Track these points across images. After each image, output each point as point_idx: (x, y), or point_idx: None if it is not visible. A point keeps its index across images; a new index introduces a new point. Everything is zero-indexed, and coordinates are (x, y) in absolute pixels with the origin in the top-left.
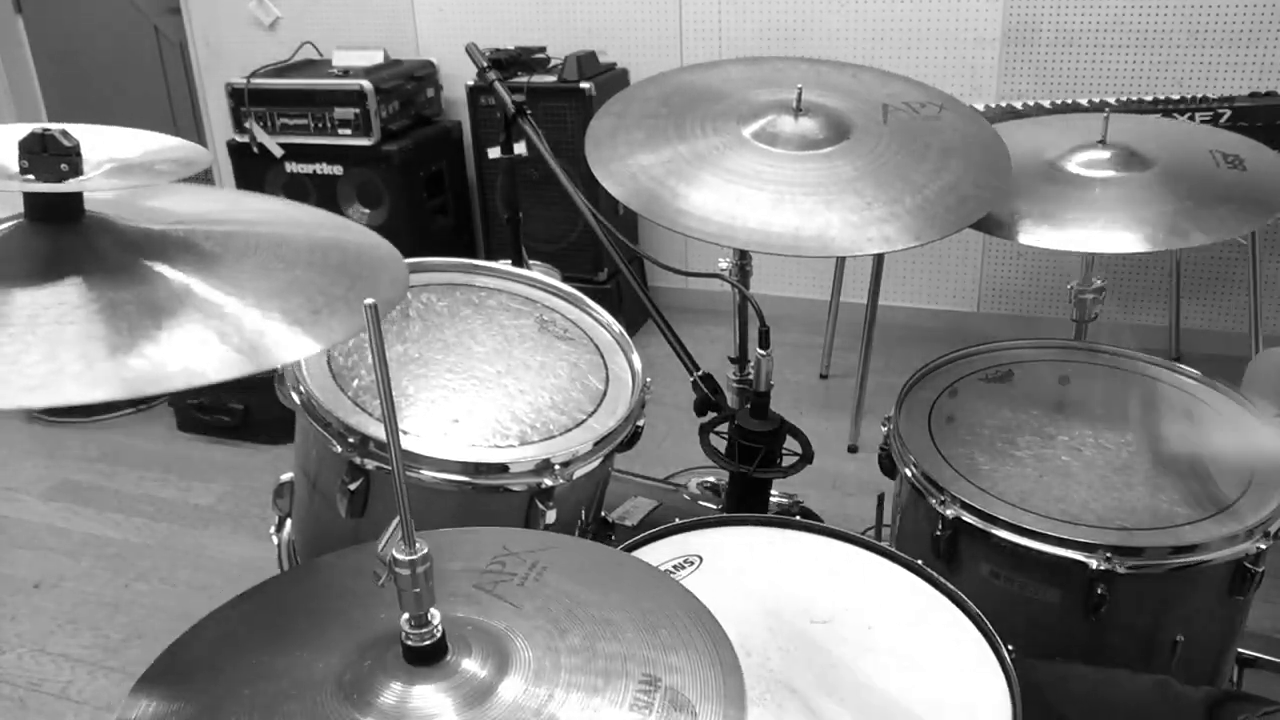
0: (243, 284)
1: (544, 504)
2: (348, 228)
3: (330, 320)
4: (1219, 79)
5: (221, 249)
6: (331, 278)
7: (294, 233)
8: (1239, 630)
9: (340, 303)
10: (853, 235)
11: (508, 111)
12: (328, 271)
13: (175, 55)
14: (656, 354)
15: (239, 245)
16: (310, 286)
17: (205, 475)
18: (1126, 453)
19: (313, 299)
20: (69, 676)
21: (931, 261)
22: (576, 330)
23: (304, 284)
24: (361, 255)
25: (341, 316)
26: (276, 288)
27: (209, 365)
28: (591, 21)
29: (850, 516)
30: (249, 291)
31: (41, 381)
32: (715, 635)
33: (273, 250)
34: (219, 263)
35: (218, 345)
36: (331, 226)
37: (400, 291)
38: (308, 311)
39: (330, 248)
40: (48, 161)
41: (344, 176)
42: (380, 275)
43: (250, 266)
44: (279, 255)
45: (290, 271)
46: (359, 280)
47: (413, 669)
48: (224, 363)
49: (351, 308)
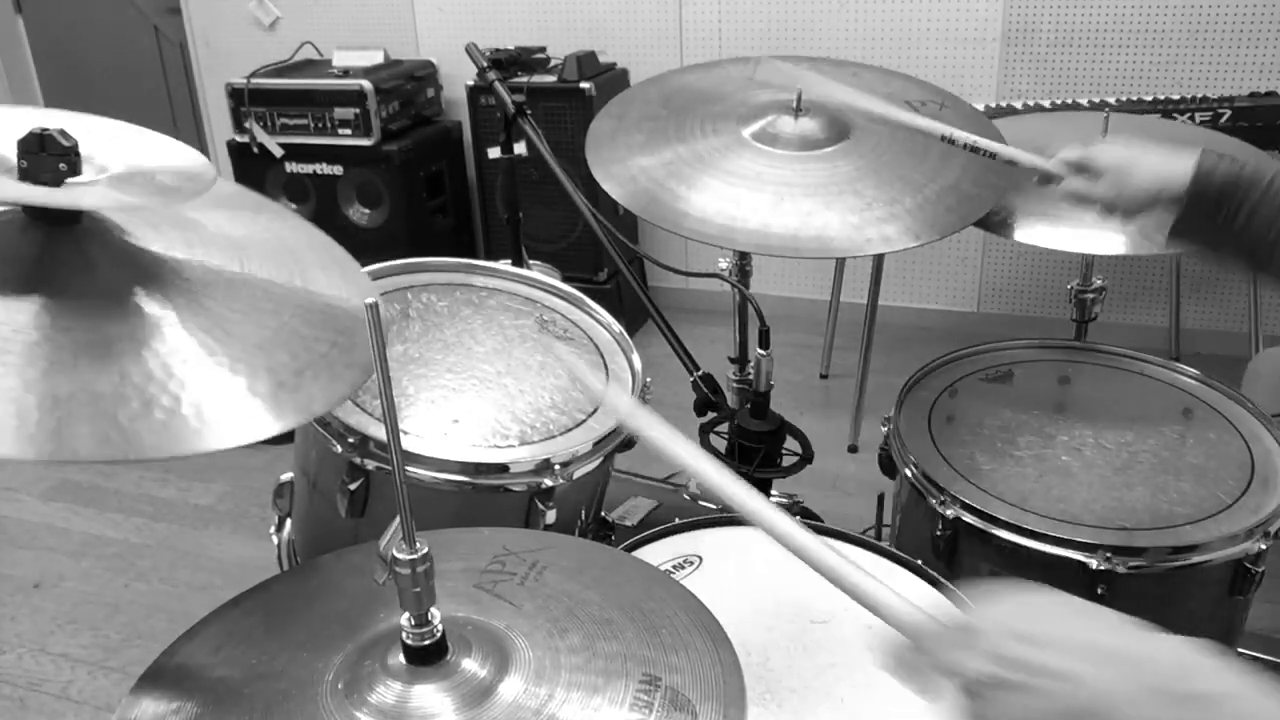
0: (228, 330)
1: (544, 504)
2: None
3: (311, 386)
4: (1219, 79)
5: (211, 282)
6: (317, 330)
7: (287, 276)
8: (1239, 630)
9: (320, 366)
10: (852, 235)
11: (508, 111)
12: (314, 324)
13: (175, 55)
14: (656, 354)
15: (229, 281)
16: (295, 341)
17: (205, 475)
18: (1126, 453)
19: (297, 356)
20: (69, 676)
21: (931, 261)
22: (576, 330)
23: (289, 336)
24: (349, 316)
25: (321, 384)
26: (261, 339)
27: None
28: (591, 21)
29: (850, 516)
30: (232, 340)
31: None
32: (715, 635)
33: (263, 292)
34: (205, 297)
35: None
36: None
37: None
38: (290, 372)
39: (318, 298)
40: (46, 161)
41: (344, 176)
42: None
43: (238, 306)
44: (269, 297)
45: (278, 318)
46: (343, 338)
47: (413, 669)
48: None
49: (334, 371)
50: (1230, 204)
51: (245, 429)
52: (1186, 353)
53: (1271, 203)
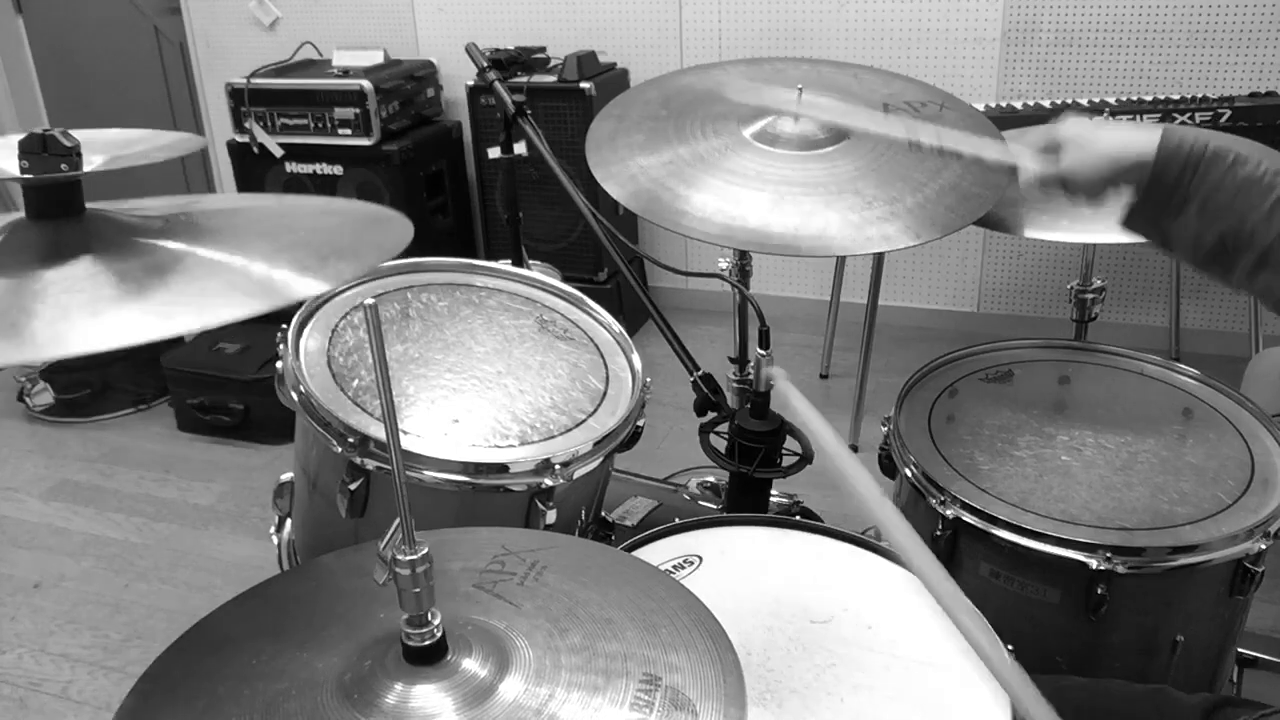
0: (248, 245)
1: (544, 504)
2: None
3: (339, 264)
4: (1219, 79)
5: (223, 225)
6: (337, 231)
7: (295, 207)
8: (1239, 630)
9: (348, 250)
10: (853, 234)
11: (508, 111)
12: (332, 229)
13: (175, 55)
14: (656, 354)
15: (241, 221)
16: (316, 239)
17: (205, 475)
18: (1126, 453)
19: (320, 249)
20: (69, 676)
21: (931, 261)
22: (576, 330)
23: (309, 240)
24: (364, 211)
25: (349, 261)
26: (282, 245)
27: (223, 307)
28: (591, 21)
29: (850, 516)
30: (255, 250)
31: (57, 334)
32: (715, 635)
33: (276, 220)
34: (221, 235)
35: (229, 291)
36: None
37: (406, 236)
38: (316, 259)
39: (332, 211)
40: (47, 161)
41: (344, 176)
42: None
43: (254, 234)
44: (282, 224)
45: (294, 233)
46: (367, 228)
47: (413, 669)
48: (237, 303)
49: (359, 254)
50: (1189, 185)
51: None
52: (1186, 353)
53: (1230, 182)
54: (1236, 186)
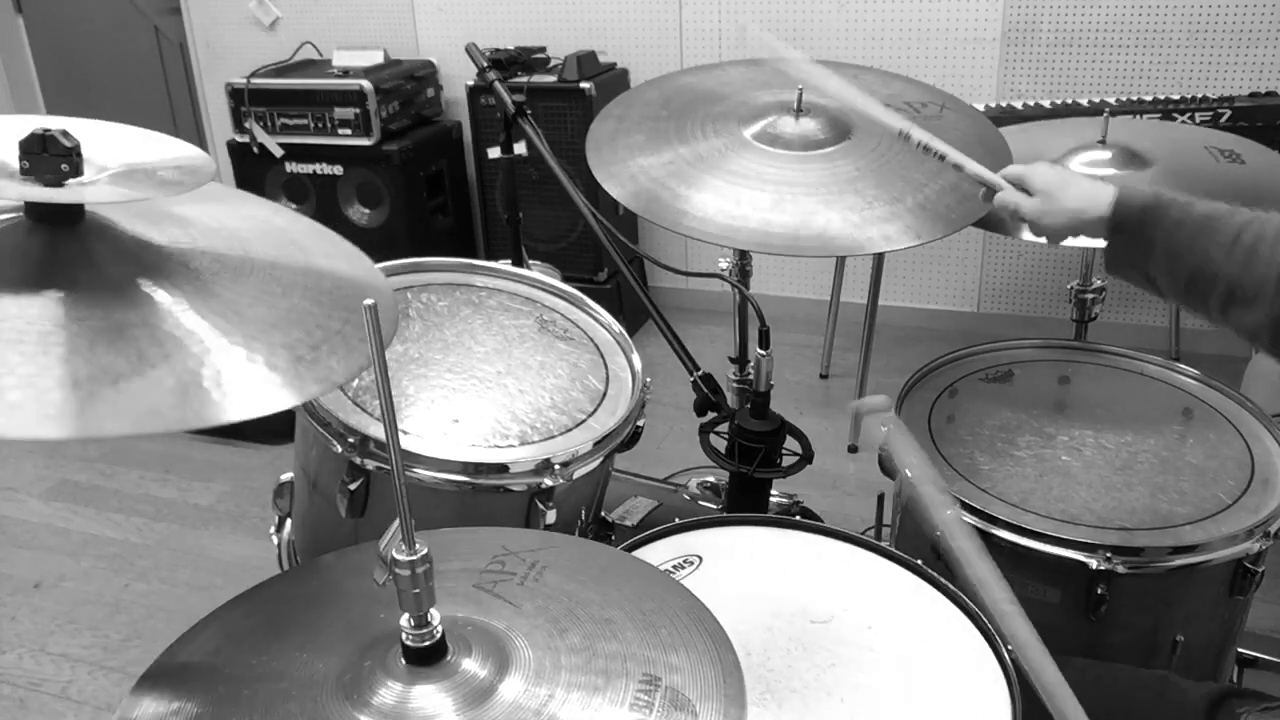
0: (241, 311)
1: (544, 504)
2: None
3: (329, 360)
4: (1219, 79)
5: (218, 269)
6: (328, 309)
7: (292, 257)
8: (1239, 630)
9: (337, 340)
10: (853, 234)
11: (508, 111)
12: (323, 303)
13: (175, 55)
14: (656, 354)
15: (236, 266)
16: (308, 319)
17: (205, 475)
18: (1126, 453)
19: (311, 333)
20: (69, 676)
21: (931, 261)
22: (576, 330)
23: (301, 314)
24: (357, 288)
25: (340, 356)
26: (274, 317)
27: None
28: (591, 21)
29: (850, 516)
30: (245, 321)
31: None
32: (715, 635)
33: (270, 274)
34: (215, 284)
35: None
36: (327, 252)
37: (390, 331)
38: (307, 347)
39: (326, 276)
40: (48, 162)
41: (344, 176)
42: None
43: (248, 290)
44: (277, 280)
45: (288, 299)
46: (355, 315)
47: (413, 669)
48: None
49: (350, 345)
50: (1150, 228)
51: (268, 400)
52: (1186, 353)
53: (1189, 220)
54: (1195, 225)
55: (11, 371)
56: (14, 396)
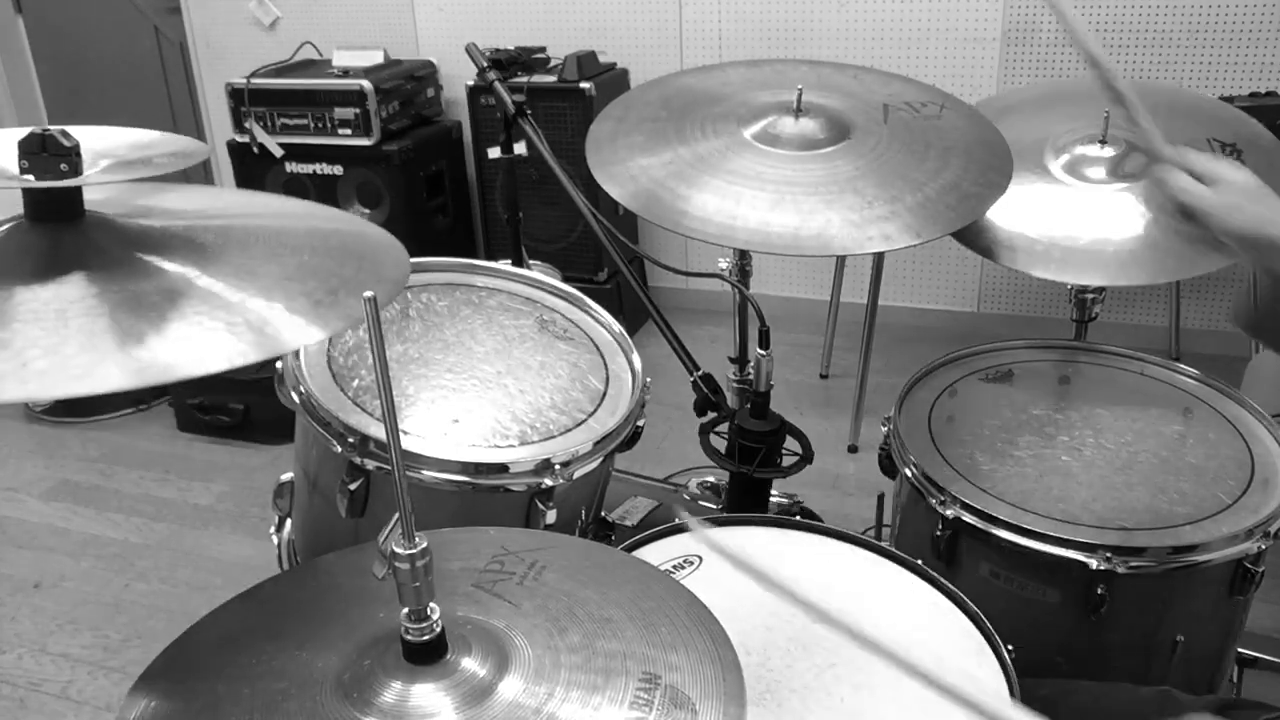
0: (253, 270)
1: (544, 504)
2: (344, 217)
3: (348, 301)
4: (1219, 79)
5: (224, 241)
6: (339, 260)
7: (295, 224)
8: (1239, 630)
9: (353, 284)
10: (853, 234)
11: (508, 111)
12: (333, 255)
13: (175, 55)
14: (656, 354)
15: (241, 237)
16: (321, 269)
17: (205, 475)
18: (1126, 453)
19: (326, 280)
20: (69, 676)
21: (931, 261)
22: (576, 330)
23: (314, 268)
24: (363, 239)
25: (357, 298)
26: (287, 272)
27: (218, 355)
28: (591, 21)
29: (850, 516)
30: (259, 277)
31: (47, 374)
32: (715, 634)
33: (276, 239)
34: (222, 255)
35: (225, 335)
36: (327, 217)
37: (404, 274)
38: (324, 292)
39: (331, 234)
40: (47, 161)
41: (344, 176)
42: (384, 257)
43: (257, 254)
44: (283, 243)
45: (297, 257)
46: (365, 261)
47: (412, 668)
48: (233, 352)
49: (366, 287)
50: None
51: (301, 333)
52: (1186, 353)
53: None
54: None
55: (34, 344)
56: (41, 365)
